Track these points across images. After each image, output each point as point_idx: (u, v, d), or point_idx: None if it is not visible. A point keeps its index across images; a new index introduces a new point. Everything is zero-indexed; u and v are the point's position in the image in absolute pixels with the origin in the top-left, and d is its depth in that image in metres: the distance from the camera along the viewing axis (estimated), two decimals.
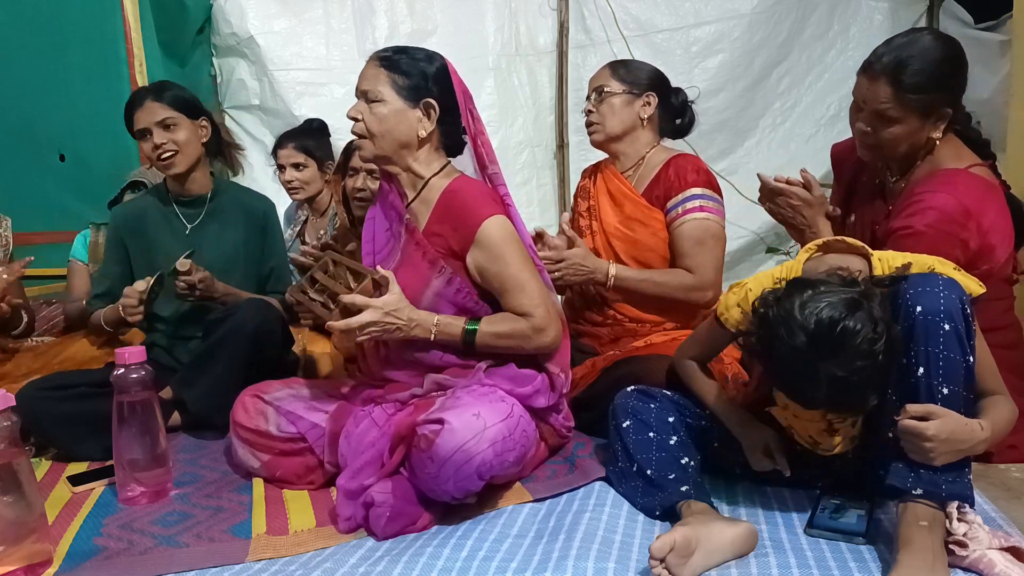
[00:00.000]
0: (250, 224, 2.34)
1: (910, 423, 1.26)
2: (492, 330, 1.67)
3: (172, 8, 3.69)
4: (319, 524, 1.54)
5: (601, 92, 2.16)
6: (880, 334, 1.23)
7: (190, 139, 2.20)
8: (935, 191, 1.67)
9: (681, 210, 2.07)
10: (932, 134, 1.72)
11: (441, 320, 1.66)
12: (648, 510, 1.52)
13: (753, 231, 3.87)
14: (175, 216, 2.29)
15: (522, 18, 4.07)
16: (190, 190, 2.28)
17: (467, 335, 1.66)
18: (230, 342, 2.03)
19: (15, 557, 1.36)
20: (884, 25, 3.78)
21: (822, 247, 1.50)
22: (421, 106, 1.69)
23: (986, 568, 1.23)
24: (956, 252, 1.62)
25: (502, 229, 1.66)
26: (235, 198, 2.35)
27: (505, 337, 1.67)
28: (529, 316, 1.65)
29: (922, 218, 1.65)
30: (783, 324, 1.26)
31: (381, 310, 1.59)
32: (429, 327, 1.65)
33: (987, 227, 1.66)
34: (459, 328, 1.67)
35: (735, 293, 1.51)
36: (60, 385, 2.00)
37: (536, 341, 1.67)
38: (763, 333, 1.33)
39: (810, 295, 1.27)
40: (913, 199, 1.70)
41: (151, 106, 2.16)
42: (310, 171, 3.00)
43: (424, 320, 1.65)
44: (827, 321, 1.23)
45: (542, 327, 1.66)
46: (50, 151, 3.59)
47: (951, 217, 1.64)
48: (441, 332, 1.66)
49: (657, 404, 1.61)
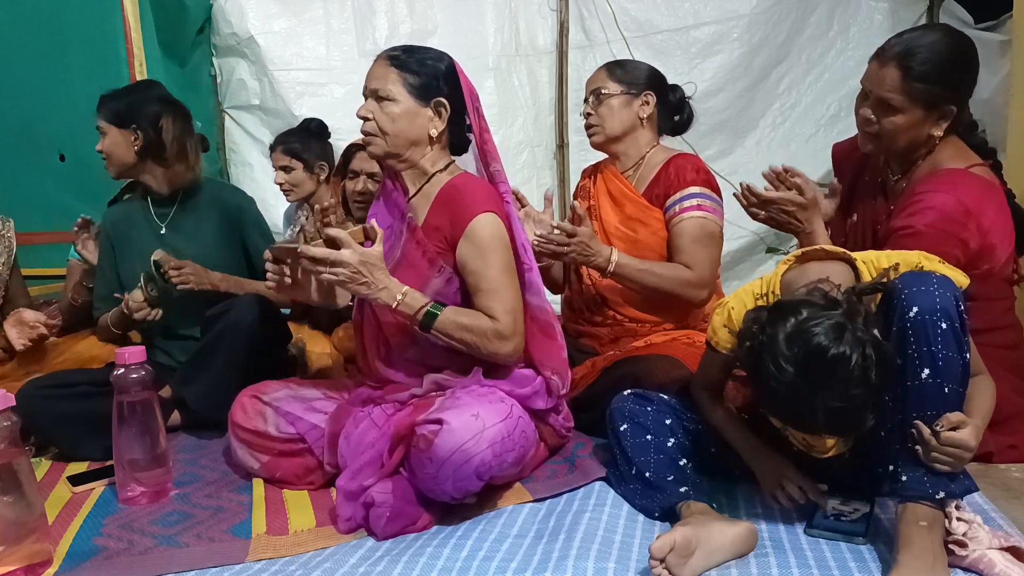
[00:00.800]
0: (225, 218, 2.35)
1: (955, 436, 1.24)
2: (455, 319, 1.60)
3: (172, 8, 3.69)
4: (319, 524, 1.55)
5: (599, 94, 2.16)
6: (870, 357, 1.20)
7: (114, 149, 2.23)
8: (935, 191, 1.67)
9: (679, 208, 2.07)
10: (934, 131, 1.72)
11: (409, 293, 1.59)
12: (648, 511, 1.52)
13: (753, 231, 3.87)
14: (151, 215, 2.32)
15: (522, 18, 4.07)
16: (160, 190, 2.30)
17: (427, 316, 1.58)
18: (228, 338, 2.03)
19: (15, 557, 1.36)
20: (884, 25, 3.78)
21: (800, 257, 1.47)
22: (432, 105, 1.69)
23: (986, 568, 1.23)
24: (956, 252, 1.62)
25: (493, 228, 1.65)
26: (208, 194, 2.37)
27: (465, 330, 1.60)
28: (495, 320, 1.62)
29: (922, 217, 1.65)
30: (770, 359, 1.23)
31: (358, 256, 1.53)
32: (395, 295, 1.58)
33: (987, 227, 1.66)
34: (421, 305, 1.59)
35: (719, 315, 1.48)
36: (60, 384, 2.01)
37: (493, 346, 1.62)
38: (751, 366, 1.30)
39: (794, 324, 1.23)
40: (914, 199, 1.70)
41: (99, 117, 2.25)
42: (297, 173, 3.01)
43: (392, 287, 1.58)
44: (815, 354, 1.20)
45: (504, 335, 1.61)
46: (50, 151, 3.59)
47: (951, 217, 1.64)
48: (404, 304, 1.58)
49: (654, 407, 1.61)
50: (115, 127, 2.22)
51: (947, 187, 1.67)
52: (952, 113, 1.70)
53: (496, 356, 1.64)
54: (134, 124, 2.22)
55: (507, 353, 1.63)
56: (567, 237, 1.96)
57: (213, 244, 2.32)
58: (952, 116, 1.71)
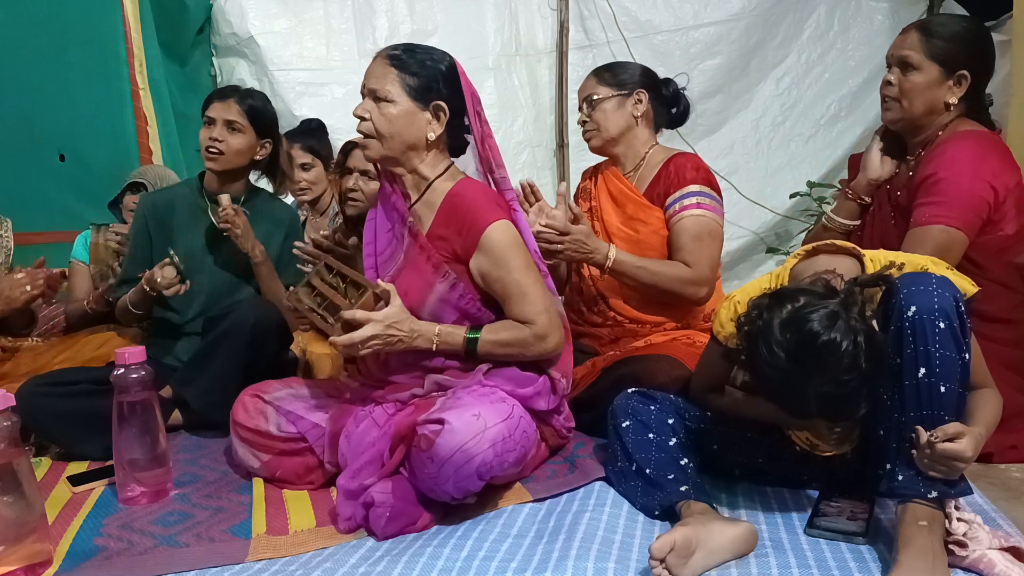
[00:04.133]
0: (276, 229, 2.36)
1: (949, 447, 1.24)
2: (493, 338, 1.66)
3: (172, 8, 3.69)
4: (319, 524, 1.54)
5: (591, 101, 2.17)
6: (861, 345, 1.21)
7: (242, 150, 2.24)
8: (959, 140, 1.77)
9: (679, 206, 2.07)
10: (949, 97, 1.80)
11: (443, 330, 1.66)
12: (647, 510, 1.52)
13: (753, 231, 3.87)
14: (204, 213, 2.30)
15: (522, 18, 4.07)
16: (225, 190, 2.29)
17: (468, 344, 1.66)
18: (229, 339, 2.03)
19: (15, 557, 1.36)
20: (884, 25, 3.78)
21: (811, 251, 1.50)
22: (431, 108, 1.68)
23: (986, 568, 1.23)
24: (987, 196, 1.73)
25: (507, 234, 1.65)
26: (265, 205, 2.39)
27: (506, 345, 1.67)
28: (531, 323, 1.65)
29: (950, 163, 1.74)
30: (764, 344, 1.26)
31: (383, 323, 1.58)
32: (431, 337, 1.65)
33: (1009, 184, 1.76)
34: (460, 337, 1.66)
35: (725, 309, 1.50)
36: (60, 382, 2.00)
37: (537, 348, 1.67)
38: (747, 351, 1.32)
39: (789, 311, 1.25)
40: (936, 151, 1.79)
41: (230, 103, 2.24)
42: (317, 171, 3.00)
43: (425, 331, 1.64)
44: (806, 339, 1.22)
45: (544, 334, 1.65)
46: (50, 151, 3.58)
47: (979, 158, 1.74)
48: (443, 342, 1.66)
49: (657, 406, 1.61)
50: (254, 131, 2.25)
51: (971, 138, 1.77)
52: (967, 81, 1.79)
53: (545, 354, 1.70)
54: (267, 137, 2.28)
55: (551, 349, 1.69)
56: (559, 235, 1.97)
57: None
58: (967, 85, 1.79)
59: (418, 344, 1.64)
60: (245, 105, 2.24)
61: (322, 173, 3.00)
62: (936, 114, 1.83)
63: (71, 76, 3.45)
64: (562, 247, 1.99)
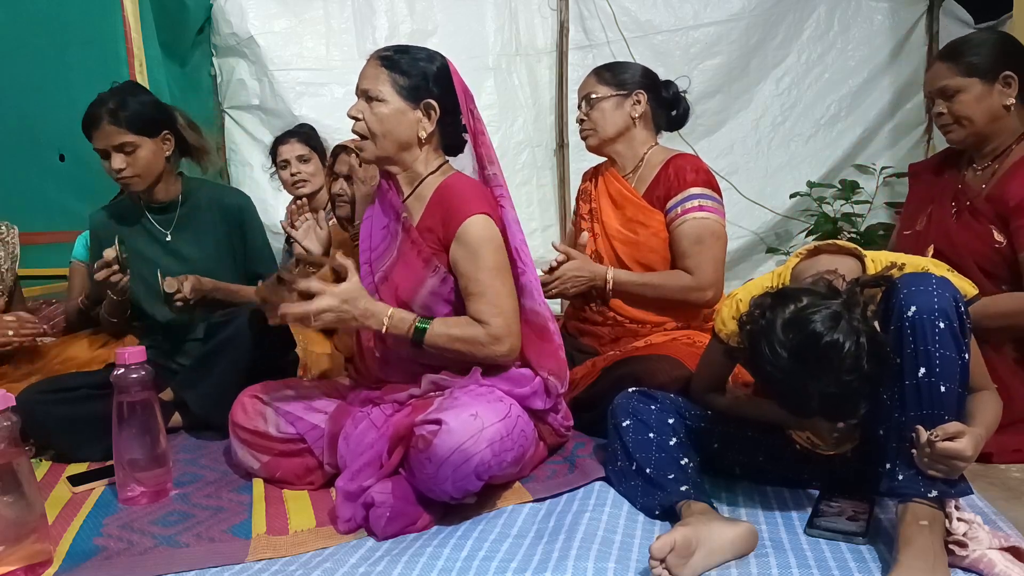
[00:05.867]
0: (228, 221, 2.33)
1: (949, 446, 1.24)
2: (445, 331, 1.63)
3: (172, 8, 3.68)
4: (319, 524, 1.54)
5: (589, 99, 2.17)
6: (864, 345, 1.22)
7: (151, 160, 2.15)
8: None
9: (680, 210, 2.07)
10: (1005, 100, 1.79)
11: (395, 314, 1.64)
12: (647, 509, 1.52)
13: (753, 231, 3.87)
14: (151, 224, 2.28)
15: (522, 18, 4.06)
16: (158, 198, 2.26)
17: (416, 332, 1.63)
18: (233, 345, 2.03)
19: (15, 557, 1.36)
20: (884, 25, 3.78)
21: (812, 250, 1.50)
22: (421, 107, 1.69)
23: (986, 568, 1.23)
24: None
25: (485, 229, 1.64)
26: (209, 197, 2.33)
27: (458, 340, 1.63)
28: (486, 324, 1.62)
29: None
30: (766, 343, 1.26)
31: (338, 297, 1.58)
32: (382, 319, 1.63)
33: None
34: (409, 323, 1.63)
35: (728, 306, 1.51)
36: (60, 388, 2.01)
37: (490, 350, 1.63)
38: (749, 349, 1.33)
39: (792, 311, 1.26)
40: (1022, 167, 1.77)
41: (105, 129, 2.09)
42: (314, 163, 3.01)
43: (378, 312, 1.63)
44: (809, 341, 1.22)
45: (499, 336, 1.62)
46: (50, 151, 3.58)
47: None
48: (393, 326, 1.63)
49: (658, 406, 1.61)
50: (149, 138, 2.13)
51: None
52: (1015, 80, 1.78)
53: (495, 359, 1.65)
54: (164, 128, 2.18)
55: (503, 354, 1.64)
56: (548, 275, 2.06)
57: (217, 247, 2.31)
58: (1016, 84, 1.78)
59: (370, 324, 1.63)
60: (120, 120, 2.08)
61: (319, 166, 3.00)
62: (999, 119, 1.82)
63: (71, 76, 3.45)
64: (556, 289, 2.09)
